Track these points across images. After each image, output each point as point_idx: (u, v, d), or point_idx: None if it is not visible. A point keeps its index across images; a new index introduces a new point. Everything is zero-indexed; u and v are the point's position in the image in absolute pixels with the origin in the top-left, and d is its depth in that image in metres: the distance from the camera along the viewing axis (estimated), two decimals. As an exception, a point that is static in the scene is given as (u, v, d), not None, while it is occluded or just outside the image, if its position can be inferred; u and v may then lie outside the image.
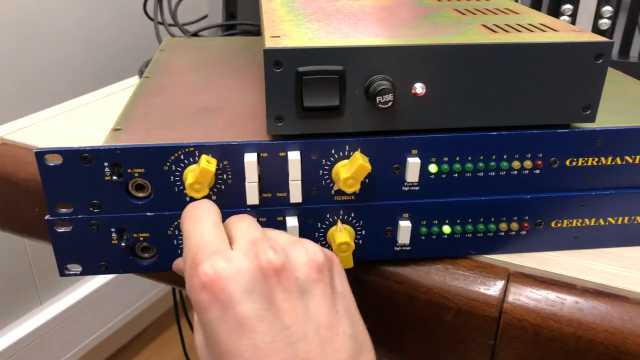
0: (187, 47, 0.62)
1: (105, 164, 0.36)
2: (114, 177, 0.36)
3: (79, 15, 1.06)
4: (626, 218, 0.41)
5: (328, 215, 0.39)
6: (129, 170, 0.36)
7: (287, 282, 0.30)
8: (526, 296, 0.39)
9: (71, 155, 0.35)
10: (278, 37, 0.35)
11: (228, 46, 0.63)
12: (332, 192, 0.38)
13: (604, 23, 0.69)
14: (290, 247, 0.32)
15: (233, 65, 0.55)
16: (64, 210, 0.37)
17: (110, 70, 1.12)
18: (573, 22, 0.70)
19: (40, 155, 0.35)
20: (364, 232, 0.40)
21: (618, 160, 0.39)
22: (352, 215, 0.39)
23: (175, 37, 0.72)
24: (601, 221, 0.41)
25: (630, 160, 0.40)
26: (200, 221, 0.33)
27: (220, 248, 0.30)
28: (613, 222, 0.41)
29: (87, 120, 0.60)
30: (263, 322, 0.29)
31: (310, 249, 0.32)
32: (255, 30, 0.85)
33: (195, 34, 0.83)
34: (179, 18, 0.87)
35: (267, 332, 0.29)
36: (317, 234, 0.39)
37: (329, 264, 0.32)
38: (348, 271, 0.39)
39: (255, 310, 0.29)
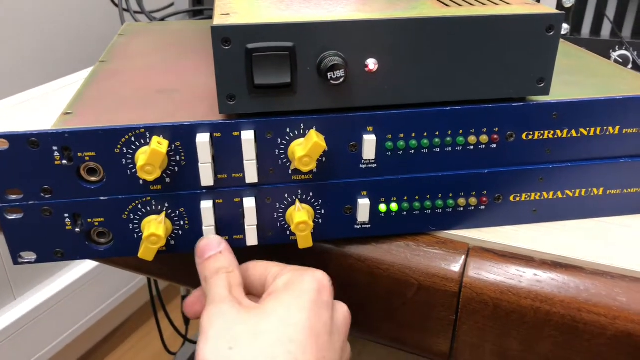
0: (147, 32, 0.61)
1: (55, 148, 0.35)
2: (64, 162, 0.35)
3: (45, 2, 1.04)
4: (583, 190, 0.42)
5: (286, 195, 0.39)
6: (80, 154, 0.35)
7: None
8: (486, 270, 0.39)
9: (18, 140, 0.34)
10: (227, 14, 0.35)
11: (188, 29, 0.62)
12: (289, 171, 0.38)
13: (568, 1, 0.69)
14: None
15: (192, 47, 0.54)
16: (13, 196, 0.36)
17: (76, 58, 1.11)
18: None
19: (-15, 140, 0.34)
20: (323, 211, 0.40)
21: (574, 133, 0.40)
22: (311, 194, 0.39)
23: (136, 22, 0.70)
24: (559, 194, 0.41)
25: (586, 133, 0.40)
26: None
27: None
28: (570, 194, 0.42)
29: (50, 108, 0.58)
30: None
31: None
32: (222, 15, 0.83)
33: (162, 21, 0.82)
34: (146, 5, 0.86)
35: None
36: (275, 214, 0.39)
37: None
38: (308, 250, 0.39)
39: None
